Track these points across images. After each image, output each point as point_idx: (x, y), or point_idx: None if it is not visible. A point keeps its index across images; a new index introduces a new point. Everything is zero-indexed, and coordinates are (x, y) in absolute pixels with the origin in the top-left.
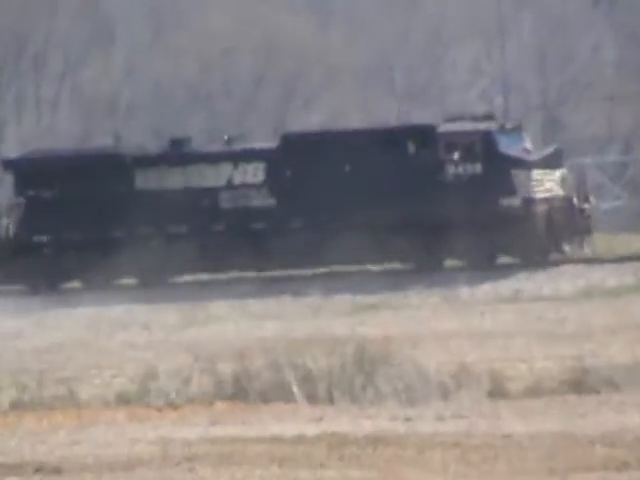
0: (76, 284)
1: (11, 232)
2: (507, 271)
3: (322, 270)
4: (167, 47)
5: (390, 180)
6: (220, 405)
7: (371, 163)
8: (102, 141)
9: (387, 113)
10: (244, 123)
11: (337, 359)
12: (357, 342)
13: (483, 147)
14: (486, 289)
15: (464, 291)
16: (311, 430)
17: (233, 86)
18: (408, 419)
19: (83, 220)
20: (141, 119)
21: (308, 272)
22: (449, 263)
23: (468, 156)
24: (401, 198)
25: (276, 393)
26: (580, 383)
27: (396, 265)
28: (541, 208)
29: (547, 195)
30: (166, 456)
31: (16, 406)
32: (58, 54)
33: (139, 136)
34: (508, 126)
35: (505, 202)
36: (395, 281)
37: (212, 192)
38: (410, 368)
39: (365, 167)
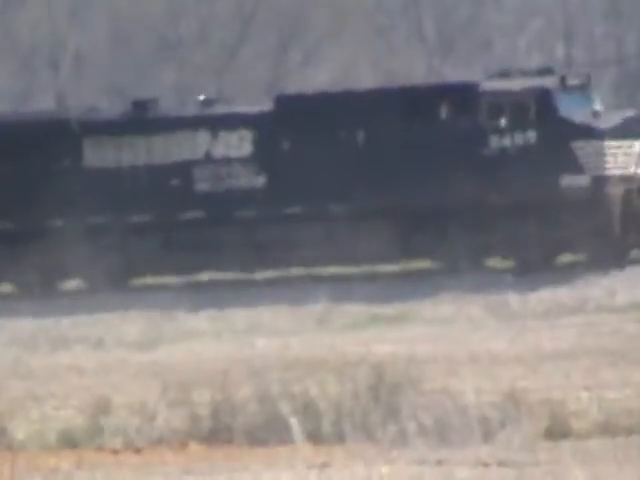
0: (7, 288)
1: None
2: (570, 273)
3: (328, 271)
4: None
5: (416, 155)
6: (195, 448)
7: (391, 133)
8: (42, 103)
9: (412, 69)
10: (226, 80)
11: (348, 386)
12: (373, 364)
13: (538, 111)
14: (542, 297)
15: (513, 299)
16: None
17: (212, 31)
18: (440, 464)
19: (16, 205)
20: (93, 74)
21: (310, 273)
22: (493, 262)
23: (519, 123)
24: (430, 179)
25: (268, 431)
26: None
27: (424, 264)
28: (615, 190)
29: (623, 173)
30: None
31: None
32: None
33: (90, 96)
34: (572, 83)
35: (568, 182)
36: (423, 285)
37: (185, 169)
38: (442, 398)
39: (383, 139)
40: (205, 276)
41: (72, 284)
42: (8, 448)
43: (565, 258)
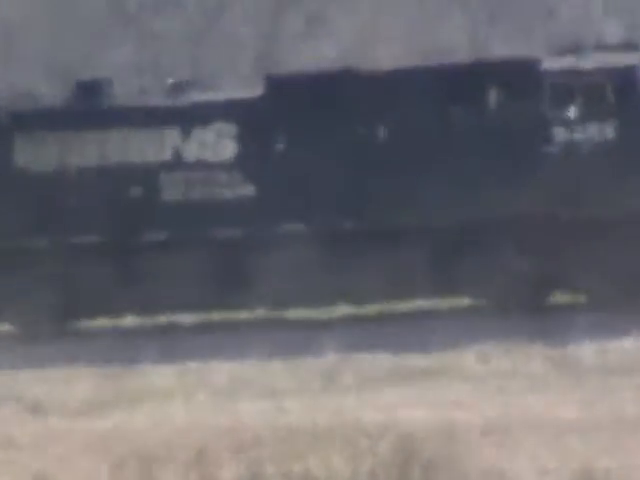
0: None
1: None
2: None
3: (337, 310)
4: None
5: (455, 155)
6: None
7: (423, 126)
8: None
9: (451, 41)
10: (203, 56)
11: (364, 465)
12: (399, 436)
13: (620, 95)
14: (625, 346)
15: (586, 349)
16: None
17: None
18: None
19: None
20: (27, 49)
21: (313, 314)
22: (559, 300)
23: (593, 112)
24: (475, 185)
25: None
26: None
27: (467, 302)
28: None
29: None
30: None
31: None
32: None
33: (25, 79)
34: None
35: None
36: (464, 329)
37: (147, 175)
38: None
39: (412, 133)
40: (174, 317)
41: (0, 328)
42: None
43: None
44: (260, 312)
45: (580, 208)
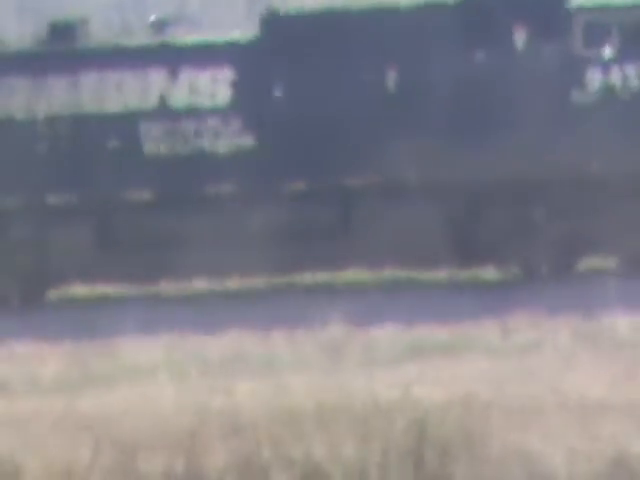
0: None
1: None
2: None
3: (346, 277)
4: None
5: (476, 103)
6: None
7: (439, 71)
8: None
9: None
10: None
11: (374, 447)
12: (413, 415)
13: None
14: None
15: (619, 320)
16: None
17: None
18: None
19: None
20: None
21: (318, 281)
22: (590, 266)
23: (632, 53)
24: (499, 139)
25: None
26: None
27: (488, 271)
28: None
29: None
30: None
31: None
32: None
33: None
34: None
35: None
36: (487, 300)
37: (130, 125)
38: (516, 465)
39: (427, 78)
40: (160, 285)
41: None
42: None
43: None
44: (257, 279)
45: (617, 164)
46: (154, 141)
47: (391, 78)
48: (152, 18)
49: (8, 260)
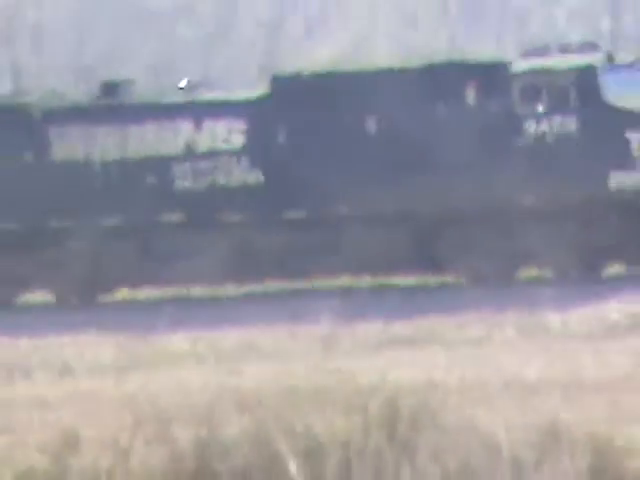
0: None
1: None
2: (620, 287)
3: (335, 283)
4: None
5: (438, 146)
6: None
7: (409, 121)
8: None
9: (433, 44)
10: (213, 59)
11: (357, 421)
12: (388, 395)
13: (581, 94)
14: (586, 314)
15: (552, 317)
16: None
17: (197, 1)
18: None
19: None
20: (56, 52)
21: (313, 287)
22: (528, 274)
23: (558, 108)
24: (454, 174)
25: (263, 475)
26: None
27: (447, 277)
28: None
29: None
30: None
31: None
32: None
33: (53, 78)
34: (621, 61)
35: (616, 180)
36: (447, 301)
37: (164, 165)
38: (468, 435)
39: (399, 128)
40: (188, 289)
41: (35, 298)
42: None
43: (614, 270)
44: (264, 284)
45: (547, 194)
46: (182, 177)
47: (370, 127)
48: (185, 82)
49: (69, 269)
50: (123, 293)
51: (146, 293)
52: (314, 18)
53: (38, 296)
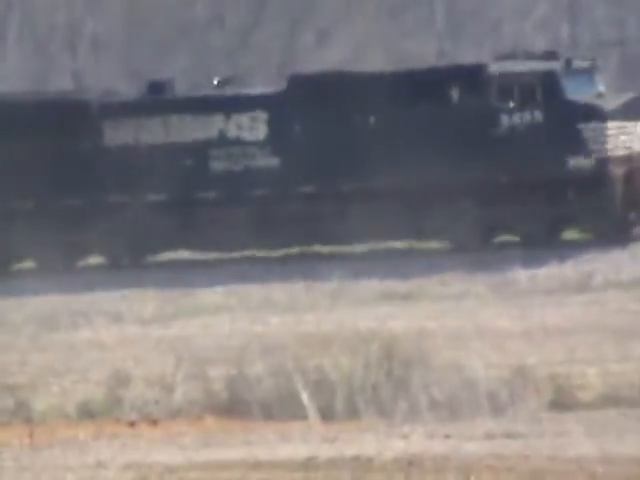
0: (29, 265)
1: None
2: (575, 250)
3: (340, 249)
4: None
5: (427, 135)
6: (211, 421)
7: (402, 114)
8: (60, 84)
9: (423, 51)
10: (240, 62)
11: (360, 361)
12: (385, 340)
13: (544, 92)
14: (548, 273)
15: (519, 276)
16: (326, 453)
17: (226, 14)
18: (449, 437)
19: (36, 184)
20: (110, 56)
21: (323, 251)
22: (500, 240)
23: (526, 104)
24: (440, 158)
25: (282, 406)
26: None
27: (433, 243)
28: (618, 170)
29: (626, 154)
30: None
31: None
32: None
33: (107, 78)
34: (577, 66)
35: (573, 162)
36: (432, 263)
37: (200, 150)
38: (452, 373)
39: (395, 119)
40: (220, 253)
41: (92, 261)
42: (28, 420)
43: (570, 235)
44: (282, 250)
45: (517, 173)
46: (215, 160)
47: (370, 119)
48: (217, 80)
49: (122, 236)
50: (166, 256)
51: (186, 255)
52: (323, 29)
53: (96, 259)
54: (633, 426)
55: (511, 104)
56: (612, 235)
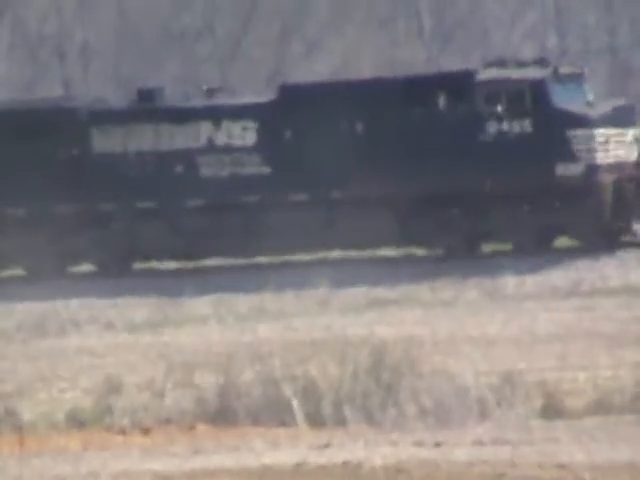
0: (19, 272)
1: None
2: (564, 257)
3: (330, 255)
4: None
5: (415, 142)
6: (201, 428)
7: (391, 121)
8: (50, 91)
9: (412, 59)
10: (230, 71)
11: (349, 368)
12: (374, 346)
13: (533, 100)
14: (537, 280)
15: (509, 283)
16: (316, 459)
17: (216, 23)
18: (438, 445)
19: (26, 191)
20: (99, 64)
21: (312, 258)
22: (489, 247)
23: (514, 111)
24: (429, 165)
25: (271, 413)
26: None
27: (423, 250)
28: (607, 178)
29: (615, 161)
30: None
31: None
32: None
33: (97, 86)
34: (565, 73)
35: (561, 170)
36: (421, 270)
37: (190, 157)
38: (441, 380)
39: (383, 126)
40: (210, 261)
41: (82, 268)
42: (17, 429)
43: (559, 243)
44: (272, 257)
45: (505, 181)
46: (205, 167)
47: (360, 126)
48: (205, 88)
49: (109, 244)
50: (155, 264)
51: (176, 264)
52: (313, 38)
53: (85, 267)
54: (623, 433)
55: (499, 112)
56: (601, 242)
